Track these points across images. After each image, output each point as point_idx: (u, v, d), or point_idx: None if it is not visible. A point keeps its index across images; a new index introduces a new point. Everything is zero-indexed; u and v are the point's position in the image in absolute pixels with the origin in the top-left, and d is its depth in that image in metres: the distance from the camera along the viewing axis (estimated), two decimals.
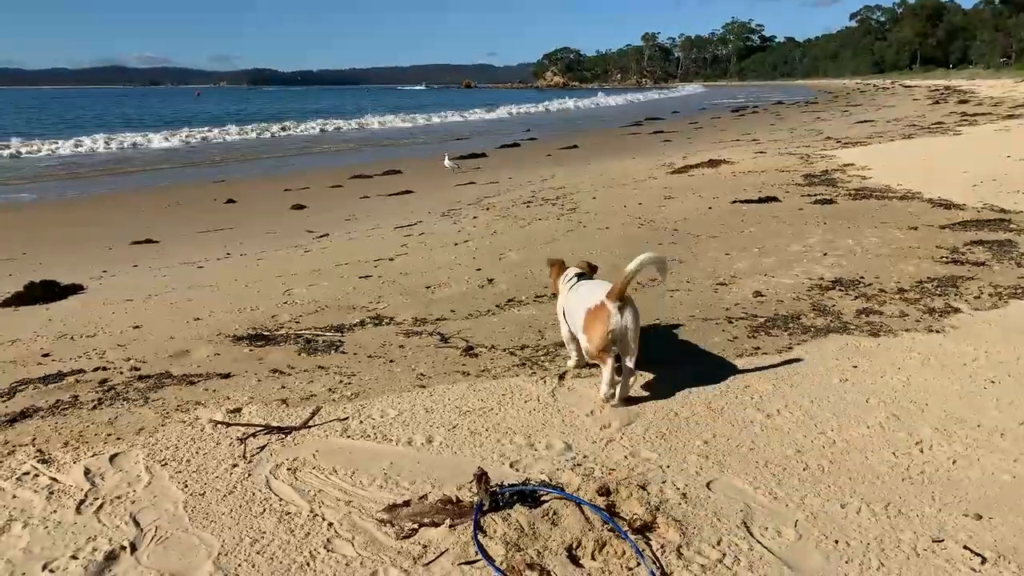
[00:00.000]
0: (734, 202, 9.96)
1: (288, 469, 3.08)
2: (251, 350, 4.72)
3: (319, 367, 4.35)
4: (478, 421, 3.53)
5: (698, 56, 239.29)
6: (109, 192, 19.12)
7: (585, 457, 3.18)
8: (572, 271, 4.33)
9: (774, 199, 10.02)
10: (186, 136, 34.60)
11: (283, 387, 4.03)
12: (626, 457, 3.19)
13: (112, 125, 46.59)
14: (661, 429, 3.46)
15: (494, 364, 4.34)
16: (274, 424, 3.48)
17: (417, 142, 34.40)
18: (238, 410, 3.70)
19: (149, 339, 5.04)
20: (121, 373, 4.32)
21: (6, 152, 28.07)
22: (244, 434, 3.37)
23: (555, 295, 4.33)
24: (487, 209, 11.30)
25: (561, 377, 4.06)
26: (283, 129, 38.93)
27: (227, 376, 4.22)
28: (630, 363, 3.70)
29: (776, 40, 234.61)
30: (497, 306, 5.61)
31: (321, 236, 10.13)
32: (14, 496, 2.90)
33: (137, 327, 5.37)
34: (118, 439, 3.39)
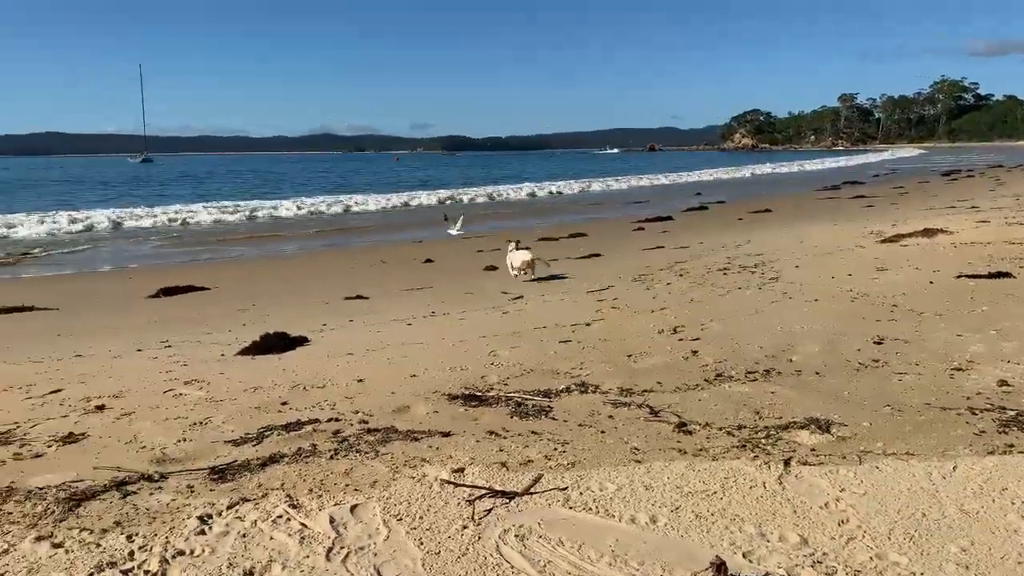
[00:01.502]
0: (959, 276, 9.11)
1: (516, 536, 3.13)
2: (466, 410, 4.89)
3: (532, 432, 4.42)
4: (702, 504, 3.41)
5: (901, 117, 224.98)
6: (322, 249, 20.95)
7: (825, 554, 2.97)
8: (512, 244, 12.15)
9: (1007, 275, 9.06)
10: (386, 200, 37.38)
11: (500, 450, 4.13)
12: (872, 559, 2.93)
13: (323, 188, 51.41)
14: (908, 530, 3.15)
15: (711, 443, 4.19)
16: (497, 488, 3.56)
17: (598, 205, 34.88)
18: (461, 470, 3.83)
19: (372, 393, 5.37)
20: (352, 425, 4.63)
21: (241, 212, 31.67)
22: (471, 495, 3.47)
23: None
24: (680, 275, 11.13)
25: (787, 463, 3.84)
26: (472, 199, 40.98)
27: (447, 435, 4.39)
28: (540, 270, 11.87)
29: (994, 98, 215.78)
30: (705, 380, 5.45)
31: (516, 298, 10.40)
32: (271, 537, 3.16)
33: (360, 380, 5.75)
34: (356, 490, 3.61)
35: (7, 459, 4.21)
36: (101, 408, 5.21)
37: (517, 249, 12.12)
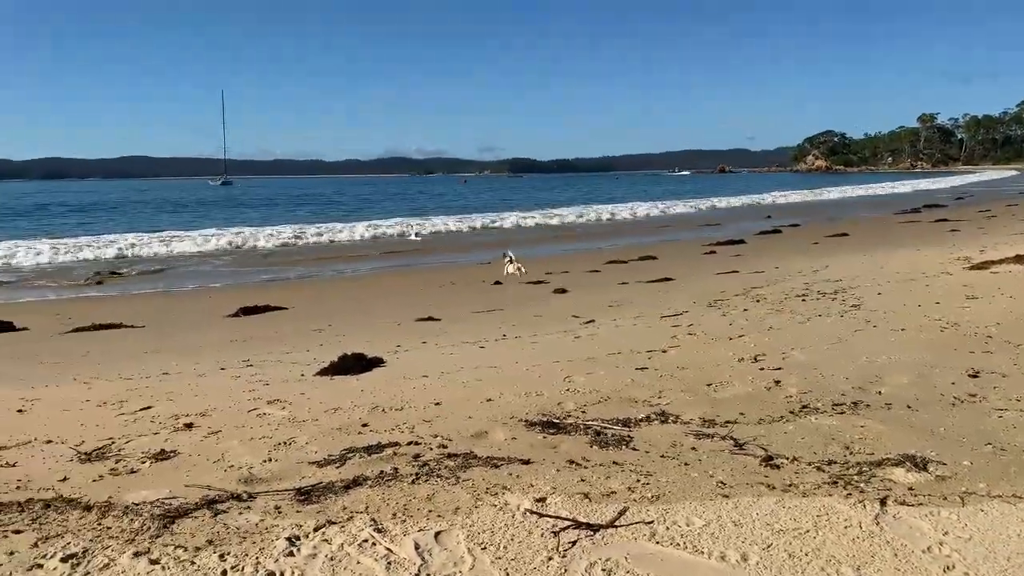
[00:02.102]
0: None
1: (602, 570, 3.07)
2: (544, 437, 4.86)
3: (614, 462, 4.36)
4: (794, 543, 3.28)
5: (986, 137, 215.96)
6: (391, 270, 21.31)
7: None
8: (507, 256, 17.73)
9: None
10: (456, 222, 37.92)
11: (582, 480, 4.08)
12: None
13: (392, 210, 52.49)
14: None
15: (800, 479, 4.05)
16: (581, 519, 3.51)
17: (667, 227, 34.53)
18: (543, 499, 3.79)
19: (449, 417, 5.39)
20: (431, 449, 4.65)
21: (313, 233, 32.58)
22: (556, 527, 3.43)
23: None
24: (757, 301, 10.88)
25: (883, 502, 3.68)
26: (546, 217, 41.20)
27: (527, 462, 4.36)
28: (522, 269, 17.09)
29: None
30: (791, 412, 5.28)
31: (587, 322, 10.33)
32: (358, 562, 3.18)
33: (437, 404, 5.78)
34: (439, 516, 3.61)
35: (104, 474, 4.37)
36: (189, 426, 5.38)
37: (509, 262, 17.21)
